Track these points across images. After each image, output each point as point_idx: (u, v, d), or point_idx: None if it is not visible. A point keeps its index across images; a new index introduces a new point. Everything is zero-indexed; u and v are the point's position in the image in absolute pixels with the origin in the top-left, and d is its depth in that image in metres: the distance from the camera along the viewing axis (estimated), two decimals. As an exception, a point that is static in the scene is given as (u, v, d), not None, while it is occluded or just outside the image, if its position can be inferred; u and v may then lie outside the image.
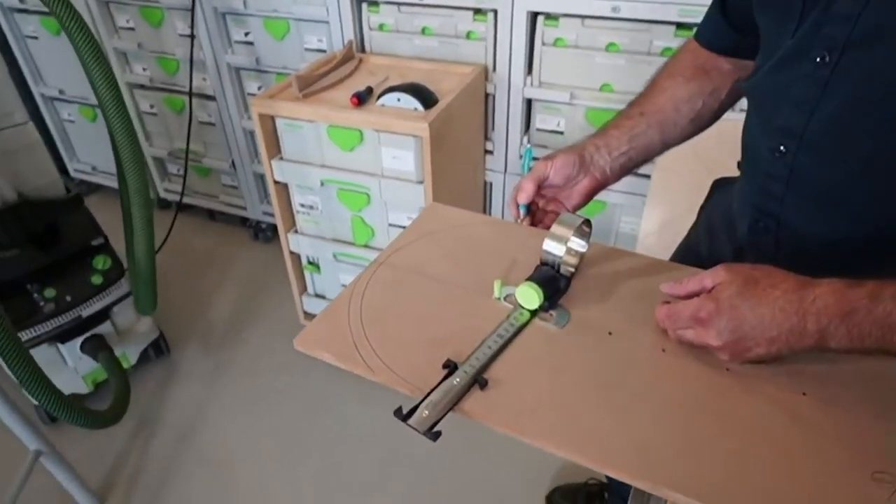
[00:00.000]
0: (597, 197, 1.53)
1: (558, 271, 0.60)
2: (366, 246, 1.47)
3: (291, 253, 1.56)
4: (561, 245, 0.58)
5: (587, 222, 0.60)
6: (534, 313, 0.58)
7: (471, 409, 0.50)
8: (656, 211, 1.48)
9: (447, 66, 1.45)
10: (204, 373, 1.71)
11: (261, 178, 2.05)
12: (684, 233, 0.91)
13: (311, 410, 1.59)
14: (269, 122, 1.36)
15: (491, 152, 1.60)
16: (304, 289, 1.66)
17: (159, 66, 1.91)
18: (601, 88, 1.41)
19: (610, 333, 0.57)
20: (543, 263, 0.60)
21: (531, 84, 1.46)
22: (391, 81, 1.36)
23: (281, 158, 1.40)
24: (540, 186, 0.70)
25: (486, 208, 1.74)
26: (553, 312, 0.59)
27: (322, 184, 1.39)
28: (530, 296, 0.57)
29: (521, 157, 0.71)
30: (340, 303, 0.61)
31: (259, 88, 1.83)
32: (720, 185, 0.84)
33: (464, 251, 0.69)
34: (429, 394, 0.51)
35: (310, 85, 1.36)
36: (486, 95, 1.52)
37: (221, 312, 1.92)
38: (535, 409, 0.50)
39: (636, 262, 0.66)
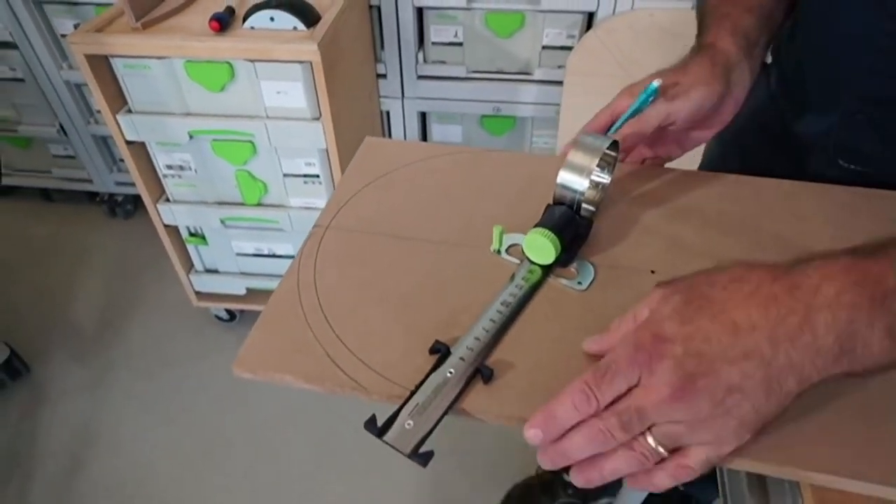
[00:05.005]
0: (504, 112, 1.45)
1: (577, 212, 0.45)
2: (259, 205, 1.23)
3: (166, 226, 1.28)
4: (582, 177, 0.44)
5: (615, 144, 0.46)
6: (548, 270, 0.45)
7: (471, 406, 0.37)
8: (574, 119, 1.38)
9: (320, -25, 1.20)
10: (81, 386, 1.41)
11: (104, 140, 1.68)
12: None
13: (226, 399, 1.38)
14: (102, 65, 1.05)
15: (384, 76, 1.40)
16: (190, 266, 1.39)
17: (-77, 9, 1.44)
18: (501, -13, 1.24)
19: (653, 272, 0.45)
20: (557, 202, 0.46)
21: (421, -11, 1.26)
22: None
23: (129, 111, 1.10)
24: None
25: (386, 142, 1.55)
26: (574, 267, 0.45)
27: (191, 137, 1.12)
28: (543, 246, 0.43)
29: (643, 93, 0.46)
30: (285, 294, 0.43)
31: (76, 27, 1.44)
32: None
33: (432, 195, 0.52)
34: (412, 394, 0.36)
35: (149, 11, 1.05)
36: (371, 8, 1.29)
37: (87, 309, 1.59)
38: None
39: (663, 179, 0.54)
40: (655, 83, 0.46)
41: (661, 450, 0.31)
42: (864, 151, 0.52)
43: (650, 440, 0.31)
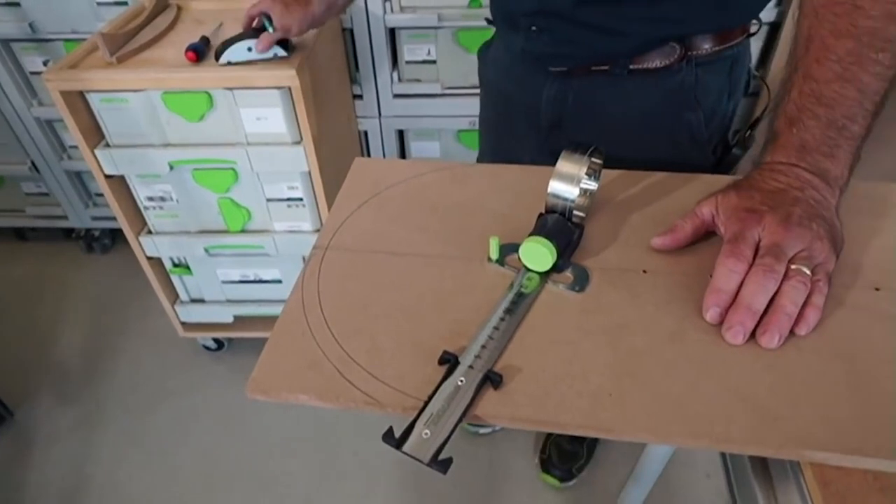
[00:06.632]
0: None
1: (569, 219, 0.47)
2: (243, 231, 1.23)
3: (149, 258, 1.27)
4: (572, 185, 0.46)
5: (598, 151, 0.48)
6: (545, 276, 0.46)
7: (484, 411, 0.38)
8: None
9: (292, 1, 1.21)
10: (70, 427, 1.38)
11: (78, 176, 1.66)
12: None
13: (222, 429, 1.36)
14: (77, 100, 1.05)
15: (360, 97, 1.42)
16: (175, 297, 1.38)
17: None
18: (470, 4, 1.27)
19: (645, 272, 0.47)
20: (549, 210, 0.48)
21: (391, 10, 1.29)
22: (229, 29, 1.11)
23: (107, 145, 1.10)
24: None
25: (365, 161, 1.56)
26: (570, 272, 0.47)
27: (171, 167, 1.11)
28: (539, 254, 0.45)
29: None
30: (292, 316, 0.44)
31: (45, 63, 1.43)
32: (484, 50, 0.85)
33: (424, 210, 0.54)
34: (426, 404, 0.37)
35: (123, 45, 1.06)
36: (344, 31, 1.31)
37: (70, 348, 1.56)
38: (583, 394, 0.39)
39: (646, 182, 0.56)
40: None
41: (806, 270, 0.41)
42: (543, 55, 0.68)
43: (795, 266, 0.41)
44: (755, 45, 1.30)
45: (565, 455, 1.23)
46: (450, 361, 0.39)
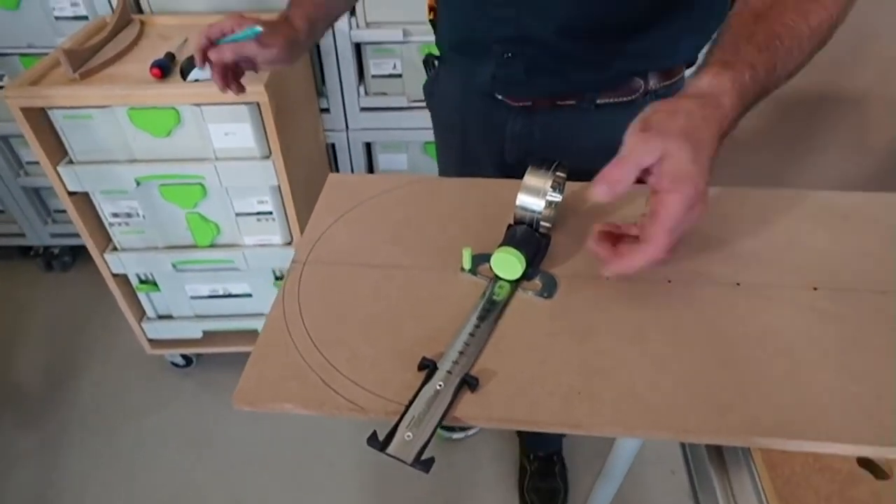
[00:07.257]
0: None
1: (536, 229, 0.50)
2: (212, 246, 1.23)
3: (115, 275, 1.25)
4: (539, 198, 0.49)
5: (562, 165, 0.51)
6: (515, 284, 0.49)
7: (463, 413, 0.40)
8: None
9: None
10: (33, 451, 1.34)
11: (36, 192, 1.62)
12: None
13: (191, 447, 1.34)
14: (39, 117, 1.03)
15: (327, 110, 1.43)
16: (141, 314, 1.36)
17: None
18: (434, 21, 1.30)
19: (608, 278, 0.50)
20: (518, 222, 0.51)
21: (357, 26, 1.31)
22: (194, 44, 1.11)
23: (71, 162, 1.09)
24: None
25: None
26: (539, 279, 0.50)
27: (138, 183, 1.11)
28: (510, 263, 0.48)
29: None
30: (275, 329, 0.46)
31: (1, 78, 1.40)
32: (430, 86, 0.87)
33: (398, 223, 0.56)
34: (407, 408, 0.39)
35: (86, 61, 1.05)
36: (310, 46, 1.33)
37: (32, 370, 1.52)
38: (555, 394, 0.41)
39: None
40: (259, 28, 0.63)
41: None
42: (514, 82, 0.70)
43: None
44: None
45: (546, 495, 1.22)
46: (429, 367, 0.42)
